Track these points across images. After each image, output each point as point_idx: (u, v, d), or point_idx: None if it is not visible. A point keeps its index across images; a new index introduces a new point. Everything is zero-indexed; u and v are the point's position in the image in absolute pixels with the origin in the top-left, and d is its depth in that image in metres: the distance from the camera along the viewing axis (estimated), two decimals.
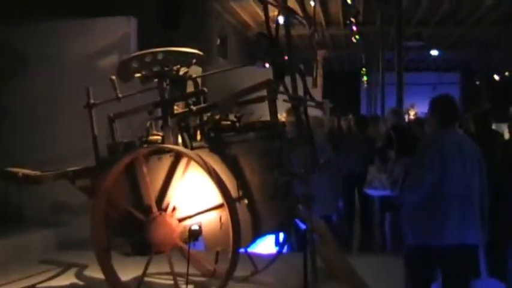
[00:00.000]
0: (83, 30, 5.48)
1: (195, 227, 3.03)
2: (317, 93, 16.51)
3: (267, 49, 2.98)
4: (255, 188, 3.08)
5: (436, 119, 3.90)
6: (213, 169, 2.97)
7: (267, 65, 3.17)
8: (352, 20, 12.79)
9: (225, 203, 2.90)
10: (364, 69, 22.27)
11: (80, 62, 5.39)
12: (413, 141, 7.30)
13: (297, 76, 3.31)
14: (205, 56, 3.52)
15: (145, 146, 3.44)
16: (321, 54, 18.21)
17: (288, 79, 3.18)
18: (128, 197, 3.36)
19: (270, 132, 3.12)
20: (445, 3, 14.56)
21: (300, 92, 3.29)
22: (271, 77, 3.11)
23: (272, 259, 3.76)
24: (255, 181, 3.09)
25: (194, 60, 3.56)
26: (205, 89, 3.50)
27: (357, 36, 14.31)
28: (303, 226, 3.33)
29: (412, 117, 16.96)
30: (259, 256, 3.98)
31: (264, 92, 3.10)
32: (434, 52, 22.12)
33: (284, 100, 3.00)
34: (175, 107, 3.49)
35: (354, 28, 13.33)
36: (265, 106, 3.36)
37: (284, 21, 3.27)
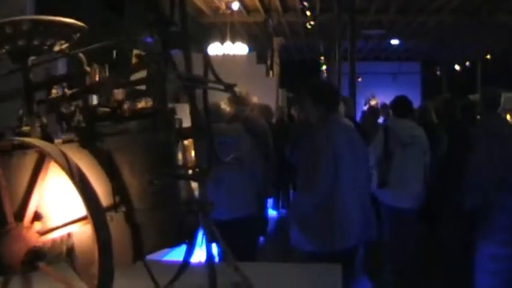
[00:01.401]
0: None
1: (39, 245, 2.37)
2: (272, 82, 15.99)
3: (147, 15, 2.32)
4: (136, 193, 2.42)
5: (321, 109, 3.65)
6: (77, 169, 2.30)
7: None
8: (305, 3, 12.20)
9: (88, 214, 2.24)
10: (322, 58, 21.77)
11: None
12: (362, 134, 6.80)
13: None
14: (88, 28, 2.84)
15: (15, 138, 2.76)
16: (277, 41, 17.57)
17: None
18: None
19: (155, 121, 2.46)
20: None
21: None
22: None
23: (176, 275, 3.11)
24: (135, 184, 2.43)
25: (76, 35, 2.89)
26: (88, 68, 2.82)
27: (312, 22, 13.72)
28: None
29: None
30: (170, 264, 3.34)
31: None
32: (394, 41, 21.84)
33: (169, 81, 2.35)
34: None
35: (308, 13, 12.75)
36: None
37: None
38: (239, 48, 14.99)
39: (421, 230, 6.19)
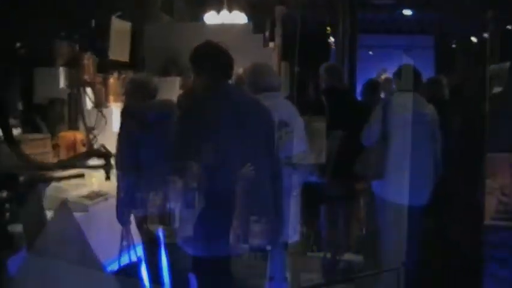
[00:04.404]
0: None
1: None
2: (271, 53, 14.85)
3: None
4: None
5: (204, 77, 3.02)
6: None
7: None
8: None
9: None
10: (328, 29, 20.54)
11: None
12: (354, 109, 5.67)
13: None
14: None
15: None
16: (278, 10, 16.40)
17: None
18: None
19: None
20: None
21: None
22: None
23: None
24: None
25: None
26: None
27: None
28: None
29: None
30: None
31: None
32: (407, 12, 20.67)
33: None
34: None
35: None
36: None
37: None
38: (237, 18, 14.03)
39: (426, 231, 5.04)
